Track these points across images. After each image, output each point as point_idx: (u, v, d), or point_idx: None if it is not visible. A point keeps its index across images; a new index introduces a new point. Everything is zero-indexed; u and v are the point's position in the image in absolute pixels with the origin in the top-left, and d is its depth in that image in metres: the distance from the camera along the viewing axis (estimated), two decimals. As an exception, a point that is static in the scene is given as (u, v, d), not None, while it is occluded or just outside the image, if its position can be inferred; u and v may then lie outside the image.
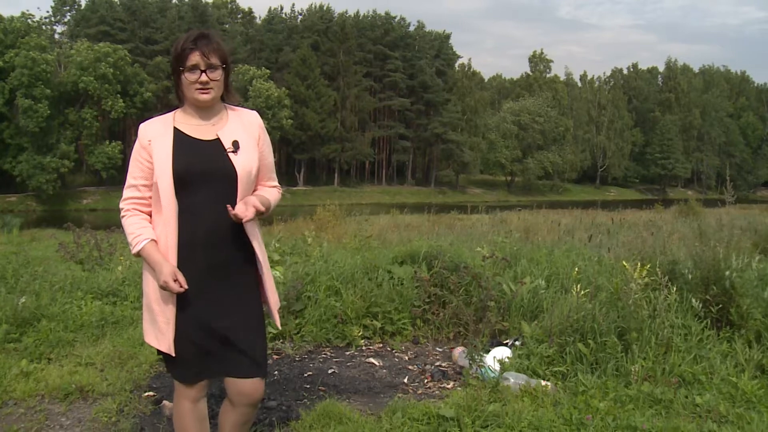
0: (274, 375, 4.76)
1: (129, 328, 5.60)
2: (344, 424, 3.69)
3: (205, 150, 2.71)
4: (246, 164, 2.74)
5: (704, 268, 5.30)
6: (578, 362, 4.45)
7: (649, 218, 19.56)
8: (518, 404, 3.84)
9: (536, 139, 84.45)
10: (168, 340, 2.70)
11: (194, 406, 2.88)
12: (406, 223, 21.23)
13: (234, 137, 2.76)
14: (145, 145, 2.71)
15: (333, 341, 5.55)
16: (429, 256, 6.54)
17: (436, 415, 3.69)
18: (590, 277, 5.94)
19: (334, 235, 13.40)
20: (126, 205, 2.75)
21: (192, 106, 2.78)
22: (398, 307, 5.83)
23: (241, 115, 2.86)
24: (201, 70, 2.67)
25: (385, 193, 72.87)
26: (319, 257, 6.93)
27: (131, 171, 2.76)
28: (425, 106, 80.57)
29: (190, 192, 2.67)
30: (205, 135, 2.75)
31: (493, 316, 5.53)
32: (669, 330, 4.60)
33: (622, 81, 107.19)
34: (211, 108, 2.79)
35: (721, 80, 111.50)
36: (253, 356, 2.78)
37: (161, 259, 2.63)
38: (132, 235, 2.70)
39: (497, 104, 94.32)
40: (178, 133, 2.73)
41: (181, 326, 2.70)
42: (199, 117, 2.78)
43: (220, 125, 2.79)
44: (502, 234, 9.61)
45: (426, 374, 4.87)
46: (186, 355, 2.72)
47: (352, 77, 73.43)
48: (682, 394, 4.05)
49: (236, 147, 2.74)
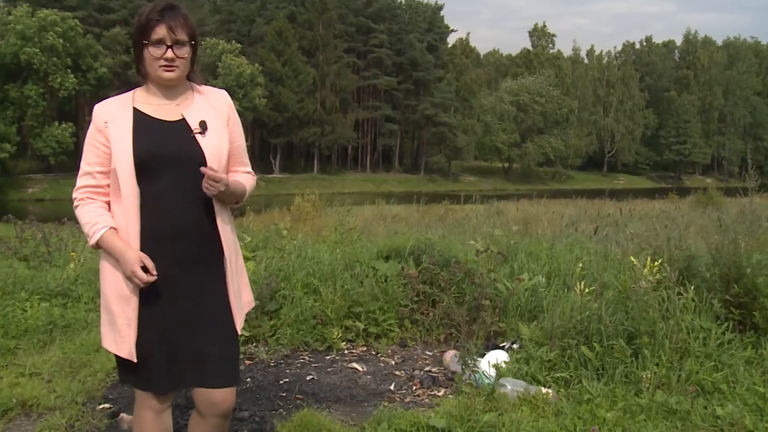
0: (246, 382, 4.76)
1: (82, 332, 5.55)
2: (324, 436, 3.70)
3: (169, 132, 2.70)
4: (215, 147, 2.72)
5: (724, 264, 5.30)
6: (582, 368, 4.47)
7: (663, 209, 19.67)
8: (516, 414, 3.85)
9: (537, 121, 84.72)
10: (129, 345, 2.67)
11: (158, 418, 2.85)
12: (392, 214, 21.24)
13: (201, 118, 2.74)
14: (101, 128, 2.69)
15: (311, 344, 5.55)
16: (417, 250, 6.54)
17: (425, 426, 3.70)
18: (595, 273, 5.97)
19: (313, 228, 13.38)
20: (80, 194, 2.72)
21: (155, 84, 2.76)
22: (383, 307, 5.84)
23: (209, 95, 2.85)
24: (167, 45, 2.65)
25: (370, 181, 72.88)
26: (295, 252, 6.91)
27: (86, 156, 2.73)
28: (414, 85, 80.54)
29: (154, 179, 2.65)
30: (168, 115, 2.73)
31: (488, 316, 5.55)
32: (685, 333, 4.61)
33: (633, 56, 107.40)
34: (175, 87, 2.77)
35: (748, 54, 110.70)
36: (224, 363, 2.76)
37: (124, 246, 2.61)
38: (88, 225, 2.67)
39: (494, 83, 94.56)
40: (139, 113, 2.71)
41: (145, 329, 2.67)
42: (163, 96, 2.76)
43: (186, 105, 2.77)
44: (498, 226, 9.66)
45: (414, 380, 4.88)
46: (149, 361, 2.69)
47: (333, 53, 73.21)
48: (701, 405, 4.05)
49: (204, 128, 2.72)
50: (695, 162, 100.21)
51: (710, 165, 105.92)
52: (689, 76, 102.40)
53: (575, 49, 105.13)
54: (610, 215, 17.11)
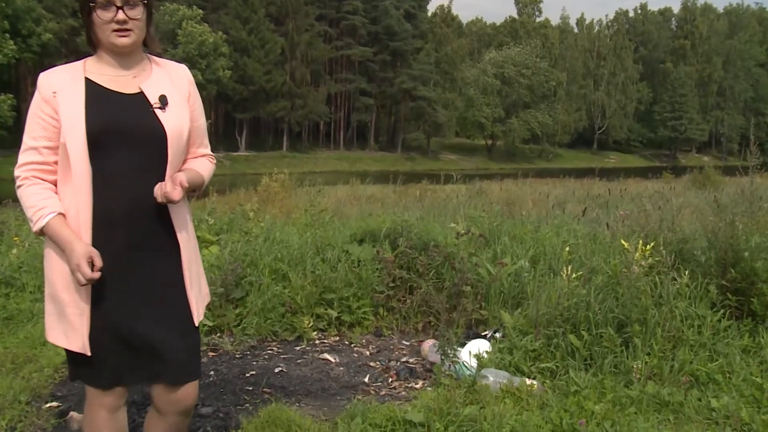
0: (209, 376, 4.75)
1: (27, 324, 5.49)
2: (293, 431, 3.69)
3: (126, 105, 2.64)
4: (176, 123, 2.68)
5: (721, 247, 5.35)
6: (569, 357, 4.51)
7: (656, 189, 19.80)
8: (499, 407, 3.87)
9: (522, 95, 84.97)
10: (81, 337, 2.61)
11: (112, 417, 2.81)
12: (367, 194, 21.26)
13: (161, 91, 2.70)
14: (48, 98, 2.61)
15: (280, 334, 5.55)
16: (394, 233, 6.55)
17: (401, 420, 3.71)
18: (583, 257, 6.01)
19: (282, 209, 13.35)
20: (24, 172, 2.65)
21: (108, 52, 2.69)
22: (357, 294, 5.86)
23: (168, 68, 2.81)
24: (117, 6, 2.59)
25: (343, 160, 72.78)
26: (262, 235, 6.90)
27: (30, 130, 2.65)
28: (391, 57, 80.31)
29: (108, 156, 2.59)
30: (125, 88, 2.68)
31: (469, 303, 5.58)
32: (678, 320, 4.67)
33: (627, 25, 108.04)
34: (131, 56, 2.72)
35: (751, 22, 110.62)
36: (184, 355, 2.73)
37: (72, 237, 2.55)
38: (33, 209, 2.60)
39: (477, 54, 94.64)
40: (92, 84, 2.65)
41: (97, 320, 2.63)
42: (118, 66, 2.70)
43: (143, 77, 2.72)
44: (480, 207, 9.67)
45: (390, 372, 4.91)
46: (103, 354, 2.64)
47: (303, 20, 72.77)
48: (695, 397, 4.11)
49: (164, 103, 2.68)
50: (691, 139, 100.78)
51: (708, 142, 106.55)
52: (687, 46, 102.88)
53: (564, 17, 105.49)
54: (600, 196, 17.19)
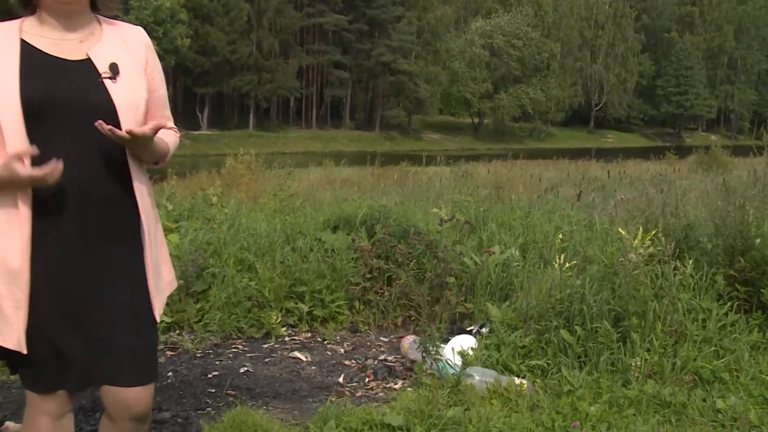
0: (167, 377, 4.74)
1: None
2: (259, 438, 3.71)
3: (70, 73, 2.56)
4: (130, 95, 2.59)
5: (729, 234, 5.38)
6: (562, 354, 4.55)
7: (658, 171, 19.97)
8: (485, 408, 3.90)
9: (512, 68, 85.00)
10: (17, 333, 2.52)
11: (56, 425, 2.74)
12: (342, 177, 21.25)
13: (111, 59, 2.62)
14: None
15: (246, 331, 5.56)
16: (371, 219, 6.57)
17: (379, 424, 3.73)
18: (578, 245, 6.06)
19: (248, 194, 13.32)
20: None
21: (50, 11, 2.57)
22: (331, 286, 5.87)
23: (122, 31, 2.72)
24: None
25: (316, 140, 72.60)
26: (227, 222, 6.88)
27: None
28: (368, 26, 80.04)
29: (48, 132, 2.50)
30: (69, 53, 2.59)
31: (453, 295, 5.60)
32: (681, 314, 4.71)
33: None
34: (77, 17, 2.61)
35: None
36: (139, 355, 2.69)
37: None
38: None
39: (463, 23, 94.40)
40: (28, 47, 2.54)
41: (38, 314, 2.53)
42: (61, 28, 2.59)
43: (91, 42, 2.63)
44: (466, 191, 9.71)
45: (367, 371, 4.93)
46: (42, 354, 2.55)
47: (271, -16, 72.38)
48: (699, 397, 4.15)
49: (114, 72, 2.60)
50: (698, 116, 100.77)
51: (716, 119, 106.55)
52: (694, 13, 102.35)
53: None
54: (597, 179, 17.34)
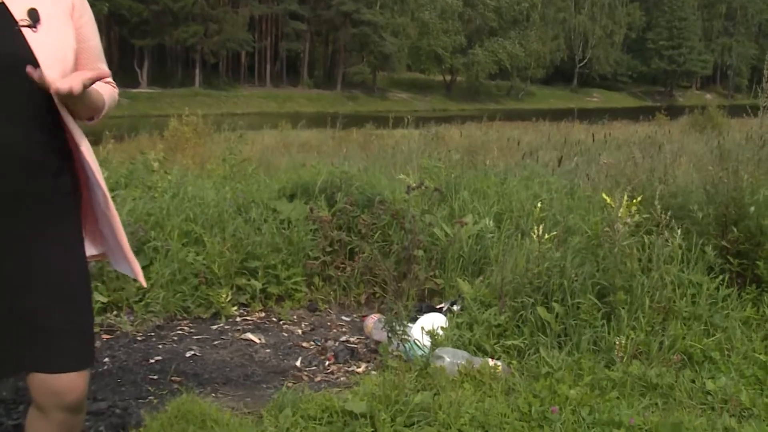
0: (104, 364, 4.72)
1: None
2: (209, 428, 3.68)
3: None
4: (55, 46, 2.55)
5: (722, 201, 5.46)
6: (540, 333, 4.59)
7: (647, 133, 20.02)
8: (456, 393, 3.93)
9: (488, 19, 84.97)
10: None
11: None
12: (300, 141, 21.17)
13: (30, 3, 2.58)
14: None
15: (193, 311, 5.55)
16: (331, 186, 6.57)
17: (340, 411, 3.74)
18: (558, 215, 6.11)
19: (195, 159, 13.26)
20: None
21: None
22: (287, 260, 5.87)
23: None
24: None
25: (271, 99, 72.21)
26: (170, 190, 6.84)
27: None
28: (328, -30, 79.59)
29: None
30: None
31: (422, 270, 5.63)
32: (670, 288, 4.77)
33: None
34: None
35: None
36: (71, 338, 2.67)
37: None
38: None
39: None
40: None
41: None
42: None
43: None
44: (436, 156, 9.71)
45: (327, 354, 4.95)
46: None
47: (219, -76, 71.54)
48: (687, 378, 4.22)
49: (34, 19, 2.56)
50: (692, 73, 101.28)
51: (711, 76, 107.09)
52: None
53: None
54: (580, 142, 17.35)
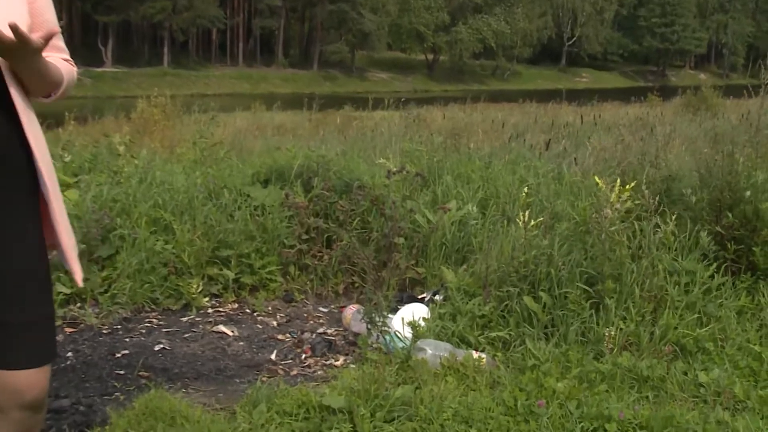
0: (66, 359, 4.71)
1: None
2: (179, 426, 3.67)
3: None
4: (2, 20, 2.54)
5: (716, 185, 5.50)
6: (526, 324, 4.61)
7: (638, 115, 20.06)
8: (439, 386, 3.95)
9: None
10: None
11: None
12: (275, 123, 21.09)
13: None
14: None
15: (162, 302, 5.55)
16: (308, 171, 6.56)
17: (317, 406, 3.75)
18: (545, 200, 6.13)
19: (164, 142, 13.18)
20: None
21: None
22: (261, 249, 5.87)
23: None
24: None
25: (244, 79, 71.95)
26: (137, 175, 6.81)
27: None
28: (304, -57, 79.32)
29: None
30: None
31: (403, 258, 5.64)
32: (661, 277, 4.80)
33: None
34: None
35: None
36: (30, 333, 2.66)
37: None
38: None
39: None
40: None
41: None
42: None
43: None
44: (418, 139, 9.72)
45: (304, 346, 4.96)
46: None
47: None
48: (679, 370, 4.25)
49: None
50: (686, 51, 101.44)
51: (706, 55, 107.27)
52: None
53: None
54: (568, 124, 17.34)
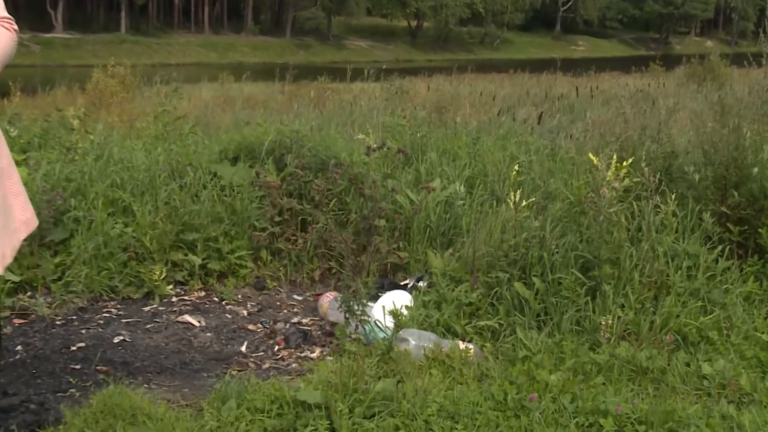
0: (15, 352, 4.70)
1: None
2: (140, 424, 3.67)
3: None
4: None
5: (721, 162, 5.51)
6: (517, 313, 4.64)
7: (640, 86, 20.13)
8: (423, 380, 3.97)
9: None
10: None
11: None
12: (244, 95, 21.05)
13: None
14: None
15: (121, 290, 5.53)
16: (280, 148, 6.55)
17: (292, 402, 3.75)
18: (538, 179, 6.14)
19: (122, 116, 13.16)
20: None
21: None
22: (229, 232, 5.87)
23: None
24: None
25: (210, 48, 71.62)
26: (93, 152, 6.78)
27: None
28: None
29: None
30: None
31: (384, 242, 5.65)
32: (662, 261, 4.82)
33: None
34: None
35: None
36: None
37: None
38: None
39: None
40: None
41: None
42: None
43: None
44: (400, 113, 9.71)
45: (277, 337, 4.97)
46: None
47: None
48: (681, 361, 4.28)
49: None
50: (691, 16, 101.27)
51: (713, 20, 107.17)
52: None
53: None
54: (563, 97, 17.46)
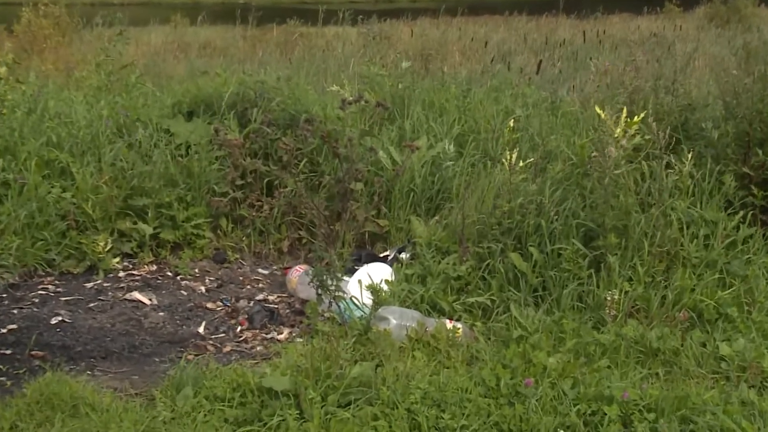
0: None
1: None
2: (83, 416, 3.68)
3: None
4: None
5: (744, 116, 5.50)
6: (512, 288, 4.66)
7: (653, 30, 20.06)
8: (405, 363, 3.99)
9: None
10: None
11: None
12: (201, 40, 20.91)
13: None
14: None
15: (59, 264, 5.54)
16: (243, 101, 6.54)
17: (257, 389, 3.78)
18: (536, 136, 6.14)
19: (58, 64, 13.06)
20: None
21: None
22: (185, 197, 5.87)
23: None
24: None
25: (160, -15, 71.06)
26: (25, 104, 6.75)
27: None
28: None
29: None
30: None
31: (361, 208, 5.65)
32: (676, 228, 4.84)
33: None
34: None
35: None
36: None
37: None
38: None
39: None
40: None
41: None
42: None
43: None
44: (380, 61, 9.68)
45: (239, 317, 4.99)
46: None
47: None
48: (697, 340, 4.31)
49: None
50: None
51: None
52: None
53: None
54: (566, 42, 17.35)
